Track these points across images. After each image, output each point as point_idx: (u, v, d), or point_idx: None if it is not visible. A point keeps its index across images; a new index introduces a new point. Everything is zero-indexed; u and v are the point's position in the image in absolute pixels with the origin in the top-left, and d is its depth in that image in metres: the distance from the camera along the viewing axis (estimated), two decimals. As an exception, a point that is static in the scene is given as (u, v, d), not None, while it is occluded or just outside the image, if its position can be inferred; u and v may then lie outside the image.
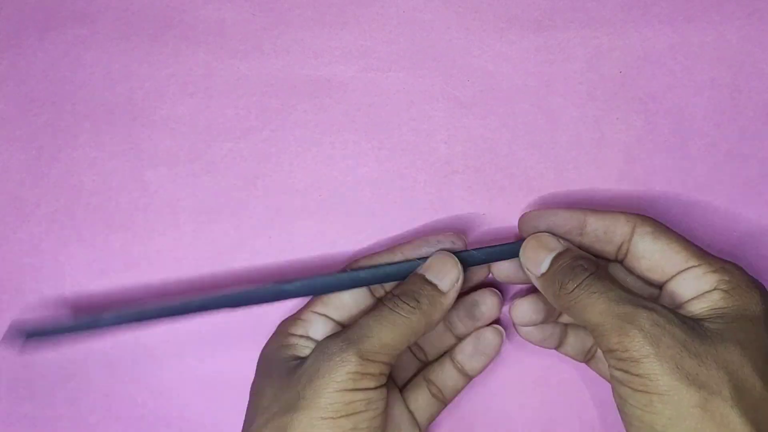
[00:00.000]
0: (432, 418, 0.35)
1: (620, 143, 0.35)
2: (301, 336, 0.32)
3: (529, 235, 0.32)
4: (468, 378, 0.35)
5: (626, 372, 0.27)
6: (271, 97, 0.36)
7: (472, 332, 0.35)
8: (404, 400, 0.34)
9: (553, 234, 0.32)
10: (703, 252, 0.30)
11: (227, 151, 0.37)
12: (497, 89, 0.36)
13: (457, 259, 0.32)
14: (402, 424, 0.33)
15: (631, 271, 0.32)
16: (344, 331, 0.30)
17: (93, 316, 0.32)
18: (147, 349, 0.37)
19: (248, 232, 0.36)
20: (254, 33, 0.37)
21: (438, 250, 0.32)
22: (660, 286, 0.31)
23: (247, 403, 0.32)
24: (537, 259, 0.31)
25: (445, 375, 0.34)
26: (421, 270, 0.32)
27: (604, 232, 0.31)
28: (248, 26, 0.37)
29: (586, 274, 0.29)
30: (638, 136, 0.35)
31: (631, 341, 0.27)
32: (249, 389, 0.32)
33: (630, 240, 0.31)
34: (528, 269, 0.32)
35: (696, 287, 0.29)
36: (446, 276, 0.31)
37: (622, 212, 0.31)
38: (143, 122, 0.37)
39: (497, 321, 0.35)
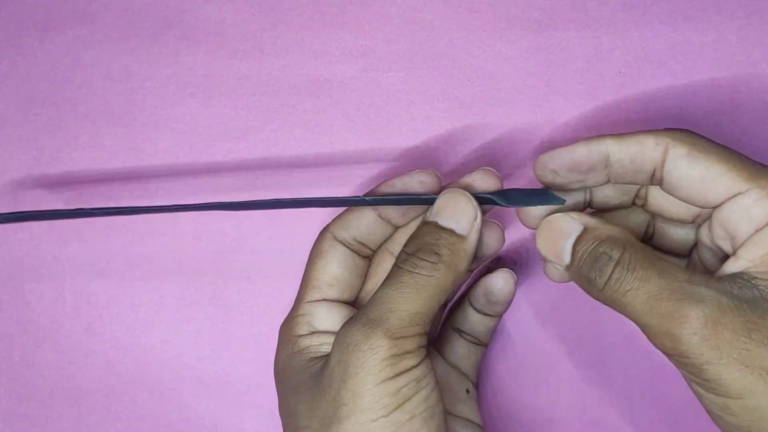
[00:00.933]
0: (478, 365, 0.32)
1: (620, 143, 0.35)
2: (309, 334, 0.28)
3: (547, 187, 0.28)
4: (496, 318, 0.32)
5: (692, 374, 0.24)
6: (271, 97, 0.36)
7: (482, 271, 0.31)
8: (442, 356, 0.31)
9: (569, 212, 0.27)
10: (755, 169, 0.24)
11: (227, 151, 0.37)
12: (497, 89, 0.36)
13: (469, 195, 0.27)
14: (451, 383, 0.30)
15: (671, 194, 0.27)
16: (362, 311, 0.26)
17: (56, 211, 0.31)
18: (147, 349, 0.37)
19: (248, 232, 0.36)
20: (254, 33, 0.37)
21: (447, 190, 0.28)
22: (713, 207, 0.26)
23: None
24: (556, 250, 0.27)
25: (472, 320, 0.31)
26: (430, 217, 0.27)
27: (631, 161, 0.26)
28: (248, 26, 0.37)
29: (611, 265, 0.24)
30: (638, 136, 0.35)
31: (687, 347, 0.23)
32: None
33: (662, 167, 0.26)
34: (550, 261, 0.27)
35: (747, 219, 0.24)
36: (462, 216, 0.27)
37: (651, 133, 0.26)
38: (143, 122, 0.37)
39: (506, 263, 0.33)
